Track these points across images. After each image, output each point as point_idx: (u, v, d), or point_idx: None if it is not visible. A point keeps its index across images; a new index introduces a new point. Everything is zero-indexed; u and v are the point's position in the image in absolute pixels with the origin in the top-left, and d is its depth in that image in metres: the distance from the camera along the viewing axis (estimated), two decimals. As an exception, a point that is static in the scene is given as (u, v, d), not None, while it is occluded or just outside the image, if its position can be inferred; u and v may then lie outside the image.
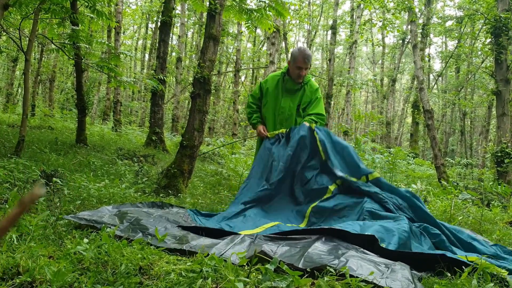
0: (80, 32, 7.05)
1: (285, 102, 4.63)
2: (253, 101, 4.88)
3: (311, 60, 4.50)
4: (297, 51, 4.50)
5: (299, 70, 4.48)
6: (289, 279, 2.03)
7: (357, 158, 4.05)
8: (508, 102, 10.77)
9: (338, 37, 28.41)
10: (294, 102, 4.62)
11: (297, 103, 4.62)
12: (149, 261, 2.23)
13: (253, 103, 4.87)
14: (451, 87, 26.06)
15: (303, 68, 4.47)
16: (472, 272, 2.45)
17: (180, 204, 4.55)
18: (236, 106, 21.60)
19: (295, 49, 4.57)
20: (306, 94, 4.60)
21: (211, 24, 5.62)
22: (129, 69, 33.25)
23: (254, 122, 4.78)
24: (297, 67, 4.48)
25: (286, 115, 4.62)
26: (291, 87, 4.62)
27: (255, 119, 4.78)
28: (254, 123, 4.78)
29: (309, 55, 4.47)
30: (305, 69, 4.49)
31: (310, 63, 4.50)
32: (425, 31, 18.55)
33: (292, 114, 4.61)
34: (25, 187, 3.79)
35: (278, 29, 13.40)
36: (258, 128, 4.67)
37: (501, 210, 6.41)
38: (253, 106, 4.86)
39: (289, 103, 4.62)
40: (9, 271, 1.88)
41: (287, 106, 4.62)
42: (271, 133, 4.53)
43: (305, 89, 4.61)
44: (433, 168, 13.26)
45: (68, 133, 10.41)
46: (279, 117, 4.66)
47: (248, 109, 4.92)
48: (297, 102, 4.62)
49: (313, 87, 4.63)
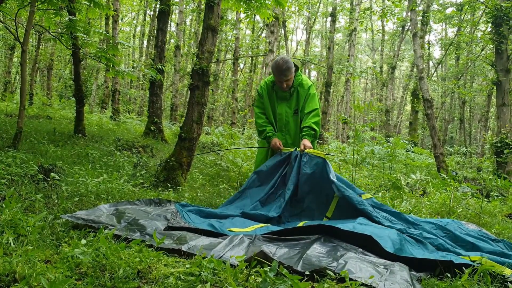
0: (77, 22, 6.96)
1: (281, 108, 4.59)
2: (261, 111, 4.74)
3: (289, 72, 4.36)
4: (274, 67, 4.40)
5: (280, 83, 4.44)
6: (288, 282, 2.02)
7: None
8: (508, 93, 10.72)
9: (338, 24, 28.25)
10: (291, 107, 4.57)
11: (294, 108, 4.57)
12: (147, 264, 2.22)
13: (261, 113, 4.73)
14: (451, 75, 25.95)
15: (283, 81, 4.41)
16: (472, 273, 2.44)
17: (178, 198, 4.54)
18: (235, 94, 21.50)
19: (272, 64, 4.46)
20: (300, 96, 4.54)
21: (210, 15, 5.54)
22: (128, 56, 33.07)
23: (269, 135, 4.59)
24: (278, 81, 4.44)
25: (284, 121, 4.58)
26: (282, 94, 4.58)
27: (270, 132, 4.61)
28: (269, 136, 4.59)
29: (285, 69, 4.32)
30: (286, 81, 4.42)
31: (289, 74, 4.38)
32: (425, 18, 18.40)
33: (290, 120, 4.57)
34: (22, 182, 3.76)
35: (277, 17, 13.27)
36: (274, 141, 4.50)
37: (500, 201, 6.41)
38: (262, 116, 4.71)
39: (286, 108, 4.58)
40: (5, 278, 1.86)
41: (283, 112, 4.58)
42: (284, 149, 4.44)
43: (298, 91, 4.54)
44: (432, 157, 13.25)
45: (66, 123, 10.37)
46: (278, 123, 4.63)
47: (259, 120, 4.70)
48: (294, 107, 4.57)
49: (305, 87, 4.53)
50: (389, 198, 5.68)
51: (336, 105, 39.18)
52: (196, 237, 2.81)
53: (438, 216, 4.96)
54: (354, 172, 7.46)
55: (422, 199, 5.91)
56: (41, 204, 3.22)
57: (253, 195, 4.26)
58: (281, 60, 4.36)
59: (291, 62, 4.39)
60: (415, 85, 20.33)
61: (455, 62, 25.95)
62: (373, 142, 12.54)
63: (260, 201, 4.15)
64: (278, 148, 4.43)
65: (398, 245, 2.80)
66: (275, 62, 4.42)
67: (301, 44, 37.86)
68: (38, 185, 3.79)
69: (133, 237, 2.71)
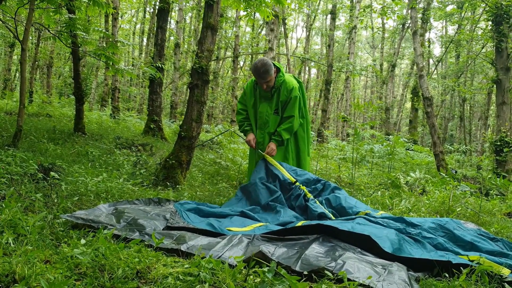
0: (77, 20, 6.96)
1: (262, 107, 4.73)
2: (242, 107, 4.95)
3: (267, 74, 4.45)
4: (253, 70, 4.52)
5: (261, 84, 4.56)
6: (287, 283, 2.03)
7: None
8: (508, 91, 10.72)
9: (338, 22, 28.18)
10: (271, 107, 4.69)
11: (274, 108, 4.69)
12: (146, 264, 2.22)
13: (243, 110, 4.94)
14: (451, 73, 25.93)
15: (263, 83, 4.52)
16: (470, 273, 2.45)
17: (178, 197, 4.55)
18: (235, 92, 21.49)
19: (251, 67, 4.61)
20: (281, 96, 4.63)
21: (209, 13, 5.54)
22: (127, 53, 33.03)
23: (247, 129, 4.86)
24: (258, 82, 4.57)
25: (264, 119, 4.72)
26: (265, 94, 4.70)
27: (247, 126, 4.87)
28: (246, 130, 4.86)
29: (263, 71, 4.43)
30: (265, 82, 4.52)
31: (268, 76, 4.47)
32: (425, 16, 18.36)
33: (269, 119, 4.69)
34: (22, 181, 3.77)
35: (277, 15, 13.26)
36: (248, 138, 4.75)
37: (499, 200, 6.41)
38: (242, 113, 4.93)
39: (267, 108, 4.70)
40: (4, 279, 1.87)
41: (264, 111, 4.71)
42: (266, 156, 4.57)
43: (279, 91, 4.63)
44: (432, 155, 13.26)
45: (66, 121, 10.37)
46: (258, 121, 4.78)
47: (238, 117, 4.96)
48: (274, 107, 4.69)
49: (288, 87, 4.60)
50: (388, 197, 5.69)
51: (336, 103, 39.17)
52: (195, 237, 2.81)
53: (437, 215, 4.97)
54: (354, 171, 7.47)
55: (421, 198, 5.91)
56: (41, 203, 3.22)
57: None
58: (259, 63, 4.48)
59: (269, 65, 4.48)
60: (415, 83, 20.31)
61: (455, 60, 25.92)
62: (373, 140, 12.54)
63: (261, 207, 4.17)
64: (252, 146, 4.71)
65: (397, 245, 2.81)
66: (254, 64, 4.54)
67: (301, 42, 37.86)
68: (37, 184, 3.80)
69: (132, 237, 2.71)
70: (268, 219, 3.81)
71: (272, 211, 4.01)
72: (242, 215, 3.84)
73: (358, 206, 3.97)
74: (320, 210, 3.84)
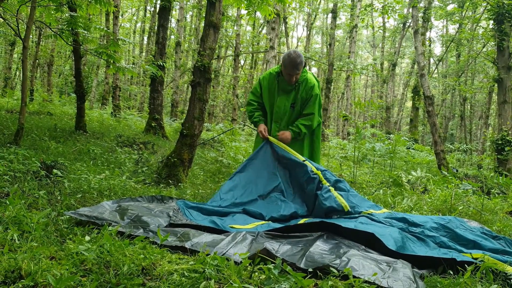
0: (78, 18, 6.96)
1: (280, 101, 4.59)
2: (254, 98, 4.80)
3: (301, 66, 4.37)
4: (286, 59, 4.37)
5: (290, 76, 4.43)
6: (292, 280, 2.03)
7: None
8: (509, 90, 10.72)
9: (339, 21, 28.16)
10: (289, 101, 4.57)
11: (291, 102, 4.57)
12: (151, 261, 2.22)
13: (254, 101, 4.80)
14: (452, 71, 25.92)
15: (293, 75, 4.41)
16: (474, 270, 2.45)
17: (180, 195, 4.55)
18: (236, 91, 21.49)
19: (285, 56, 4.43)
20: (301, 92, 4.54)
21: (211, 11, 5.54)
22: (128, 52, 33.01)
23: (256, 120, 4.70)
24: (288, 74, 4.43)
25: (281, 113, 4.60)
26: (286, 87, 4.57)
27: (257, 117, 4.71)
28: (256, 121, 4.71)
29: (299, 63, 4.33)
30: (295, 75, 4.43)
31: (301, 69, 4.39)
32: (426, 15, 18.35)
33: (286, 112, 4.59)
34: (25, 179, 3.77)
35: (278, 14, 13.25)
36: (259, 128, 4.59)
37: (501, 199, 6.41)
38: (254, 104, 4.79)
39: (284, 101, 4.58)
40: (11, 275, 1.87)
41: (282, 105, 4.58)
42: (272, 139, 4.49)
43: (300, 87, 4.54)
44: (432, 154, 13.25)
45: (67, 119, 10.37)
46: (275, 115, 4.64)
47: (249, 107, 4.81)
48: (291, 101, 4.57)
49: (309, 85, 4.53)
50: (390, 195, 5.69)
51: (337, 101, 39.17)
52: (199, 234, 2.81)
53: (439, 213, 4.97)
54: (355, 169, 7.47)
55: (423, 196, 5.91)
56: (44, 200, 3.22)
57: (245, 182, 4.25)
58: (295, 53, 4.34)
59: (303, 57, 4.39)
60: (416, 82, 20.31)
61: (456, 59, 25.92)
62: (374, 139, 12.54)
63: (260, 196, 4.14)
64: (264, 136, 4.52)
65: (400, 242, 2.81)
66: (288, 55, 4.37)
67: (302, 41, 37.83)
68: (40, 182, 3.80)
69: (136, 233, 2.71)
70: (268, 211, 3.81)
71: (273, 203, 3.99)
72: (244, 212, 3.84)
73: (360, 205, 3.95)
74: (328, 204, 3.72)
